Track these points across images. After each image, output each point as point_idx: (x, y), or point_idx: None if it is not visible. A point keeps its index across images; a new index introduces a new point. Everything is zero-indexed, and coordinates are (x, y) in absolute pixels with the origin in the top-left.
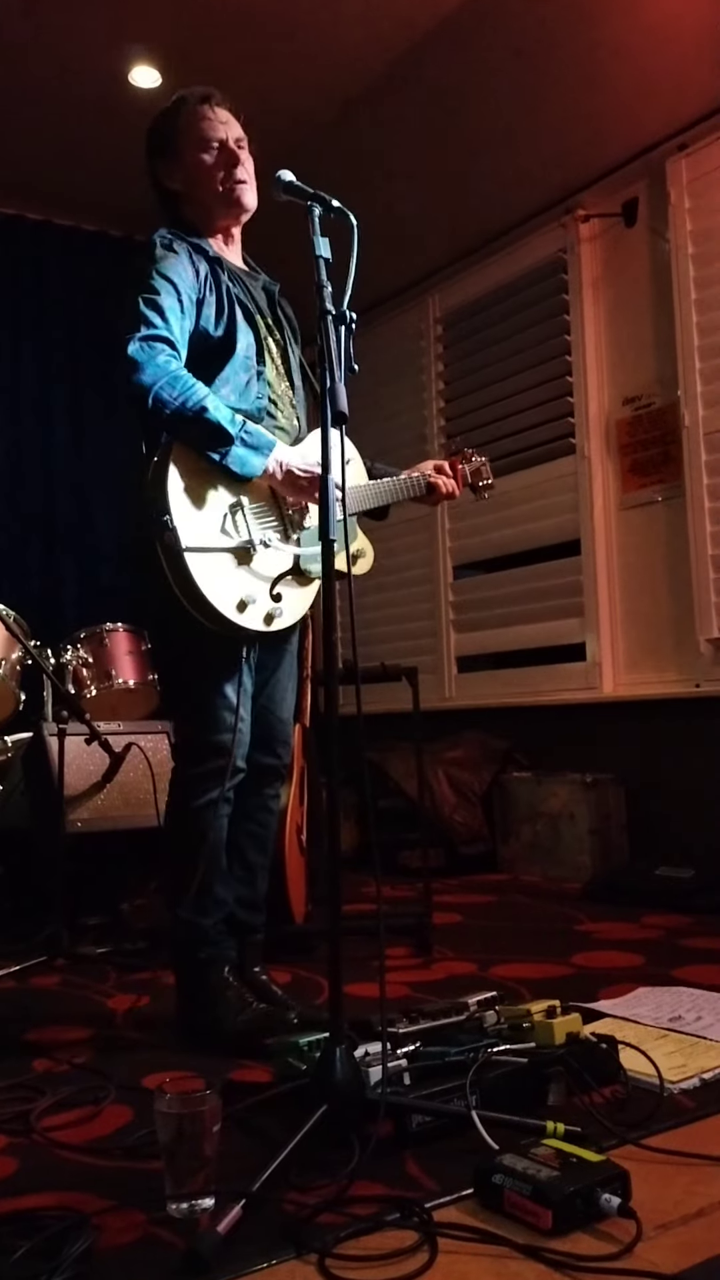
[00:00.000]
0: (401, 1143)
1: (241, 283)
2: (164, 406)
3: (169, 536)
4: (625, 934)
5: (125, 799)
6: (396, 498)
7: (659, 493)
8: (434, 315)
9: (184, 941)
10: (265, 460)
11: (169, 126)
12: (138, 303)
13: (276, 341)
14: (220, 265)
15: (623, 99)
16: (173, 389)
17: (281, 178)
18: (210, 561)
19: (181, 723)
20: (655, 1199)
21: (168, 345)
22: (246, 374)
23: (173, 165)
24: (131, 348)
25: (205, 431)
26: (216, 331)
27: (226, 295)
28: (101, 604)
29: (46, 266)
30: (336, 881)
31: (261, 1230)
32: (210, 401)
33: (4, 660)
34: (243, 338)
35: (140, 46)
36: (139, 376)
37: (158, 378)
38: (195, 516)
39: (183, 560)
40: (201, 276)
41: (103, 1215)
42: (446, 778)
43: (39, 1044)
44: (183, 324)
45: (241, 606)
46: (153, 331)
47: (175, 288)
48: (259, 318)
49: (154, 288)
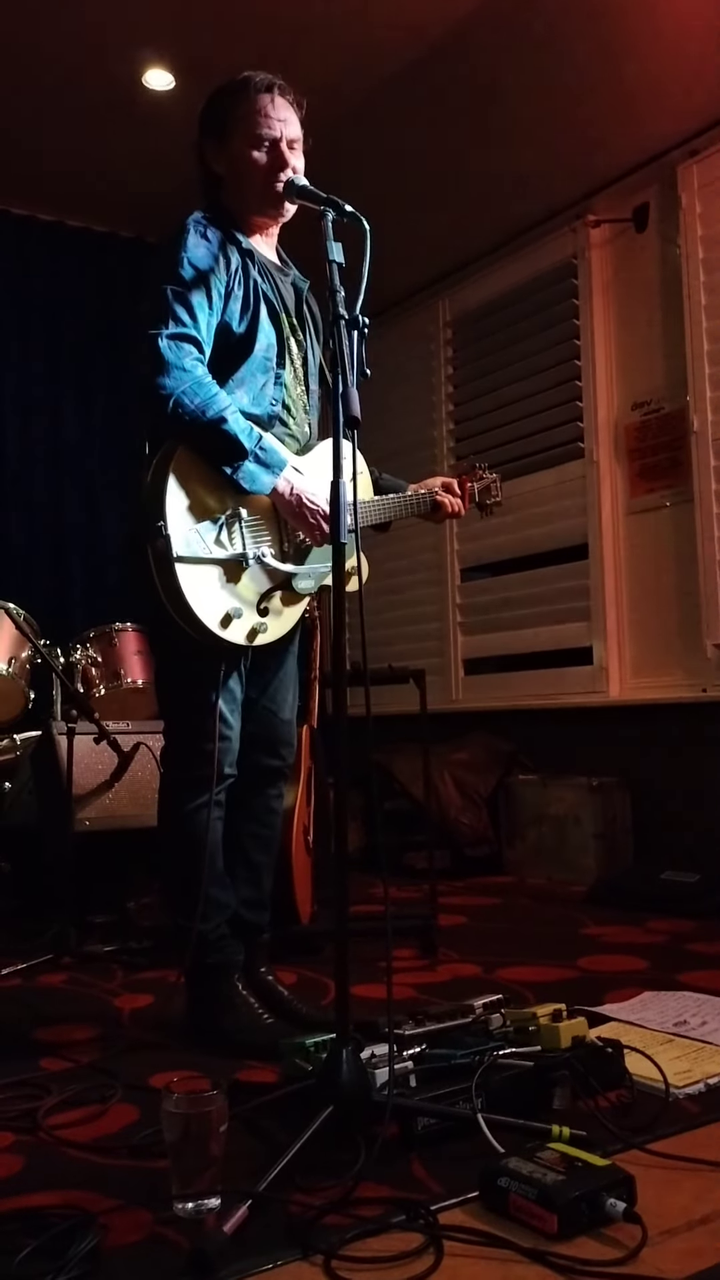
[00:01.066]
0: (407, 1145)
1: (271, 278)
2: (184, 413)
3: (161, 544)
4: (630, 938)
5: (133, 798)
6: (400, 514)
7: (667, 497)
8: (444, 319)
9: (189, 947)
10: (276, 479)
11: (226, 109)
12: (166, 294)
13: (299, 342)
14: (252, 259)
15: (633, 105)
16: (195, 396)
17: (295, 182)
18: (200, 572)
19: (168, 727)
20: (661, 1204)
21: (195, 347)
22: (265, 376)
23: (221, 149)
24: (161, 345)
25: (221, 443)
26: (239, 328)
27: (254, 291)
28: (110, 604)
29: (58, 267)
30: (343, 882)
31: (267, 1231)
32: (230, 413)
33: (13, 659)
34: (263, 337)
35: (153, 49)
36: (163, 378)
37: (182, 382)
38: (190, 525)
39: (173, 569)
40: (232, 269)
41: (109, 1214)
42: (453, 780)
43: (46, 1042)
44: (210, 321)
45: (226, 620)
46: (182, 330)
47: (204, 281)
48: (284, 316)
49: (184, 279)
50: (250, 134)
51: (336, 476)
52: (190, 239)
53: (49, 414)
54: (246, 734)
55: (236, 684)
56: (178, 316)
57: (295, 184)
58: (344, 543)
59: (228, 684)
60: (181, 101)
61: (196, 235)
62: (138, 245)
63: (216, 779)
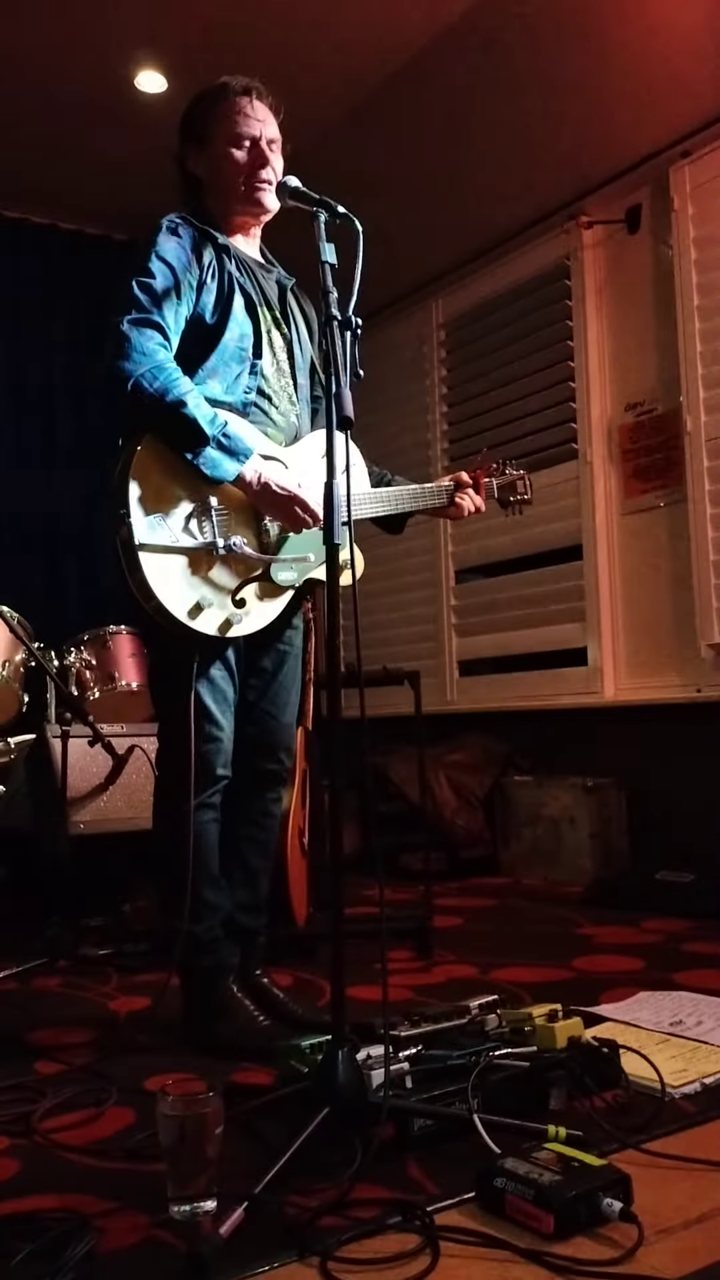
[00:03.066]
0: (403, 1146)
1: (250, 273)
2: (143, 396)
3: (125, 531)
4: (626, 938)
5: (128, 801)
6: (410, 507)
7: (661, 498)
8: (438, 320)
9: (183, 949)
10: (240, 467)
11: (205, 112)
12: (132, 286)
13: (282, 335)
14: (228, 253)
15: (626, 106)
16: (155, 379)
17: (288, 183)
18: (166, 561)
19: (159, 729)
20: (657, 1204)
21: (159, 332)
22: (239, 366)
23: (201, 152)
24: (123, 327)
25: (180, 427)
26: (211, 319)
27: (229, 283)
28: (105, 606)
29: (51, 271)
30: (339, 884)
31: (263, 1233)
32: (191, 398)
33: (7, 662)
34: (235, 327)
35: (147, 52)
36: (123, 362)
37: (141, 365)
38: (155, 513)
39: (136, 556)
40: (205, 262)
41: (104, 1218)
42: (448, 781)
43: (41, 1045)
44: (177, 311)
45: (196, 610)
46: (144, 315)
47: (173, 272)
48: (263, 310)
49: (150, 271)
50: (230, 133)
51: (330, 478)
52: (160, 235)
53: (42, 415)
54: (245, 737)
55: (227, 683)
56: (141, 304)
57: (288, 185)
58: (338, 543)
59: (215, 682)
60: (174, 105)
61: (167, 232)
62: (131, 248)
63: (209, 780)
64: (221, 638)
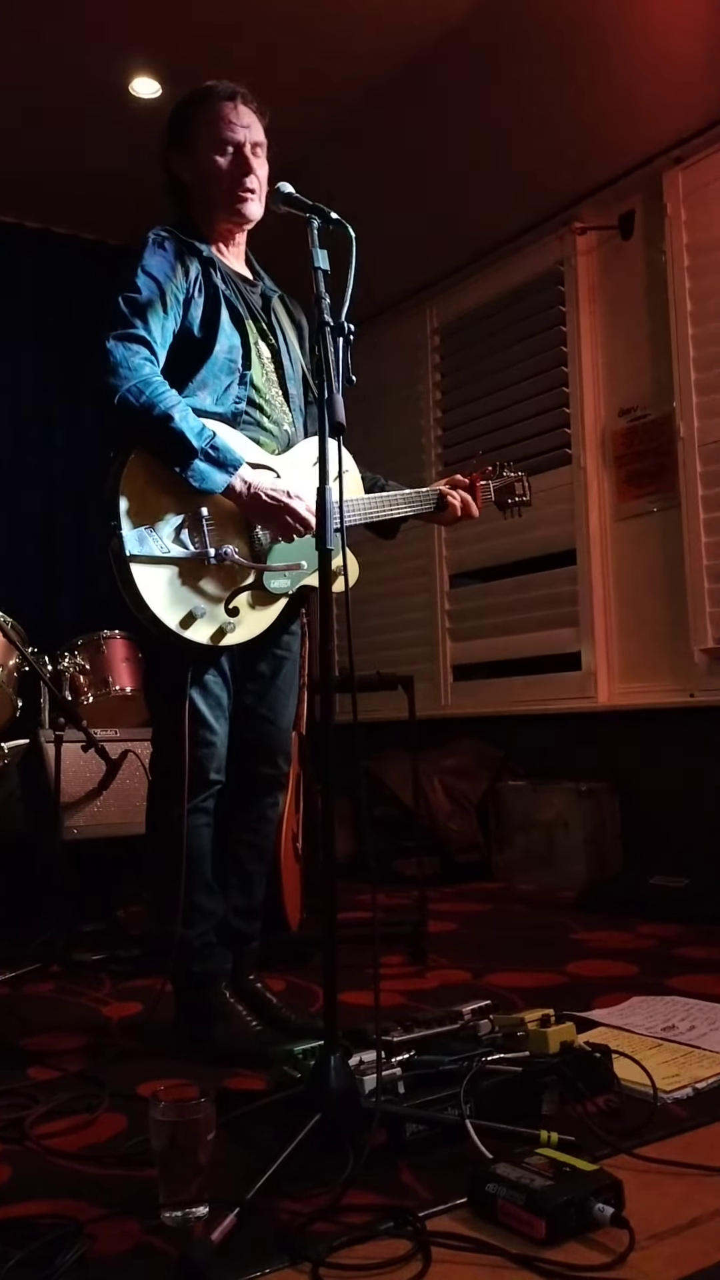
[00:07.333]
0: (396, 1151)
1: (235, 286)
2: (130, 409)
3: (116, 543)
4: (619, 943)
5: (122, 806)
6: (402, 512)
7: (654, 503)
8: (432, 326)
9: (176, 953)
10: (229, 478)
11: (190, 117)
12: (118, 302)
13: (270, 345)
14: (213, 266)
15: (620, 112)
16: (141, 394)
17: (281, 189)
18: (157, 572)
19: (154, 734)
20: (649, 1209)
21: (145, 347)
22: (229, 377)
23: (185, 157)
24: (109, 344)
25: (168, 440)
26: (199, 332)
27: (215, 296)
28: (99, 611)
29: (45, 275)
30: (332, 889)
31: (255, 1239)
32: (178, 411)
33: (1, 667)
34: (224, 340)
35: (141, 57)
36: (110, 378)
37: (127, 380)
38: (145, 524)
39: (128, 568)
40: (191, 276)
41: (96, 1223)
42: (442, 786)
43: (33, 1051)
44: (164, 325)
45: (188, 620)
46: (130, 331)
47: (159, 287)
48: (249, 322)
49: (136, 286)
50: (214, 139)
51: (323, 484)
52: (146, 250)
53: (39, 422)
54: (243, 742)
55: (220, 688)
56: (127, 319)
57: (281, 190)
58: (330, 548)
59: (208, 687)
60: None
61: (153, 246)
62: (125, 253)
63: (202, 785)
64: (215, 646)
